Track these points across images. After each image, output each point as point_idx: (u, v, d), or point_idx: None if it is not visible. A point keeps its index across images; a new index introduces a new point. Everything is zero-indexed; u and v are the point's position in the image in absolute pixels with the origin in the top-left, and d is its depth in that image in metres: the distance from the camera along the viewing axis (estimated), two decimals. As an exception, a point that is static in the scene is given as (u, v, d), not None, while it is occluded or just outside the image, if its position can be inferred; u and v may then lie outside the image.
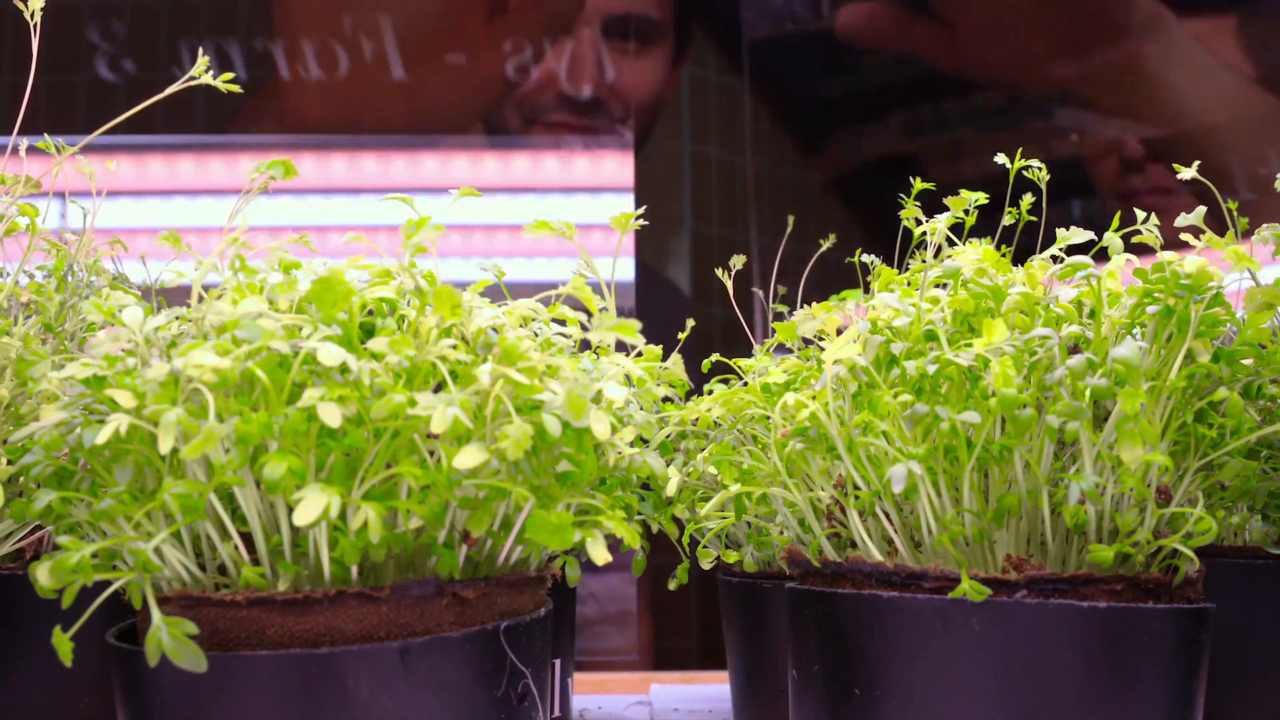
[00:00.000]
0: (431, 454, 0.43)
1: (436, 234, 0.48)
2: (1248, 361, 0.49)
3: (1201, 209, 0.52)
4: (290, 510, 0.43)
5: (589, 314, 0.53)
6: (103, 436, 0.41)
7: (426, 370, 0.45)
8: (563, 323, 0.52)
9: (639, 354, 0.53)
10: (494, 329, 0.47)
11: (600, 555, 0.45)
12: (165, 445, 0.41)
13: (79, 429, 0.43)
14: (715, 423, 0.59)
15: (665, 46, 2.22)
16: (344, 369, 0.42)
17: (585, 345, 0.53)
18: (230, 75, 0.50)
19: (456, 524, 0.44)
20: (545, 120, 2.10)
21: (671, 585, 0.69)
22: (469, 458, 0.41)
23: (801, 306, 0.60)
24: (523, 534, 0.45)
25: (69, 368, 0.44)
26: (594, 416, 0.43)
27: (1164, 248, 0.51)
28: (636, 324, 0.50)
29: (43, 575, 0.42)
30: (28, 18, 0.53)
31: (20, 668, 0.53)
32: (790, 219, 0.72)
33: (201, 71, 0.49)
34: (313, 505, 0.40)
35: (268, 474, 0.41)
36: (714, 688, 0.87)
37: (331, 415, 0.41)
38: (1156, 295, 0.49)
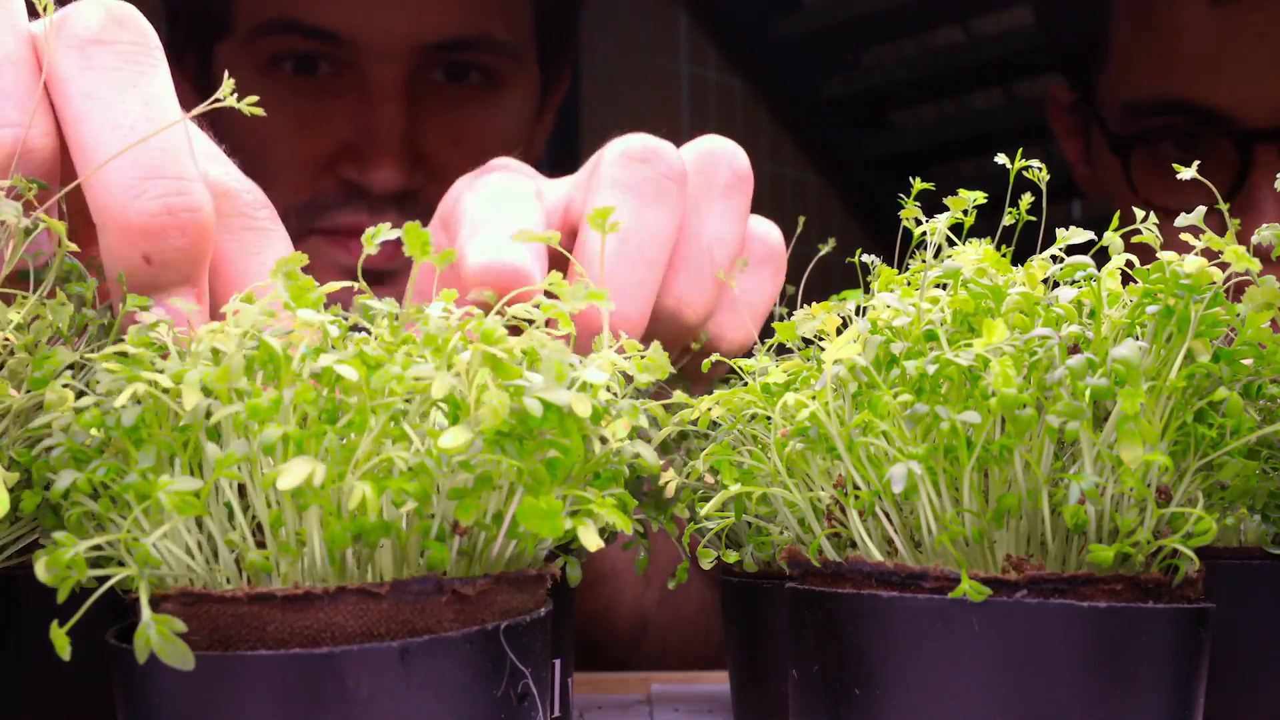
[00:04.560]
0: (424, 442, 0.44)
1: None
2: (1248, 361, 0.49)
3: (1201, 209, 0.52)
4: (296, 504, 0.43)
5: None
6: (121, 400, 0.43)
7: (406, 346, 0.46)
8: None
9: (619, 348, 0.53)
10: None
11: (592, 542, 0.44)
12: (189, 401, 0.42)
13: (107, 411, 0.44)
14: (715, 423, 0.59)
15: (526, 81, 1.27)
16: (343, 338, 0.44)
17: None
18: (255, 98, 0.51)
19: (447, 516, 0.44)
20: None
21: (671, 585, 0.69)
22: (453, 438, 0.42)
23: (801, 306, 0.60)
24: (515, 525, 0.45)
25: (106, 351, 0.46)
26: (575, 397, 0.44)
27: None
28: (606, 290, 0.50)
29: (39, 570, 0.42)
30: (41, 12, 0.53)
31: (20, 667, 0.53)
32: (800, 220, 0.72)
33: (227, 93, 0.50)
34: (296, 471, 0.41)
35: (264, 437, 0.41)
36: (714, 688, 0.87)
37: (350, 373, 0.42)
38: (1156, 295, 0.49)
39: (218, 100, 0.50)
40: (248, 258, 0.58)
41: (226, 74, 0.51)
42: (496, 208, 0.66)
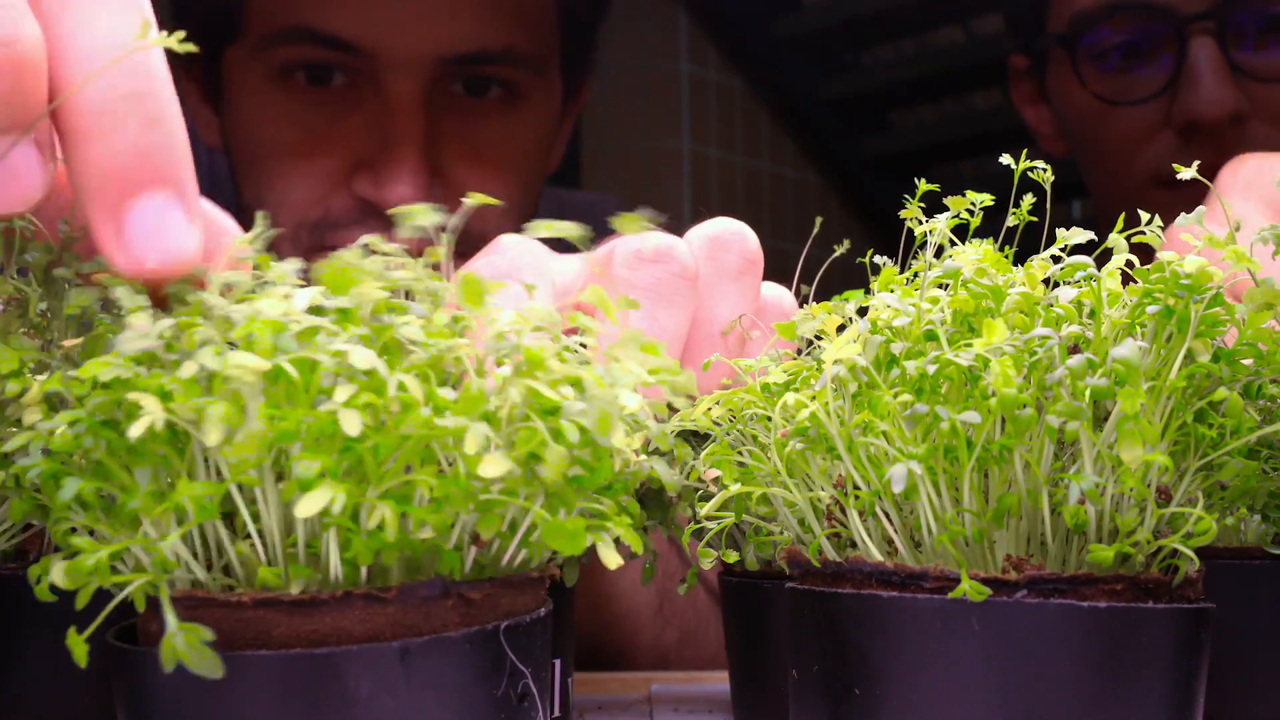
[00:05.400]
0: (450, 462, 0.43)
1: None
2: (1248, 361, 0.49)
3: (1201, 209, 0.52)
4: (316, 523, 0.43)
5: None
6: (137, 430, 0.41)
7: (442, 371, 0.45)
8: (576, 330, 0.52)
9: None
10: (514, 334, 0.47)
11: (612, 559, 0.45)
12: (213, 438, 0.41)
13: (83, 433, 0.43)
14: (715, 423, 0.59)
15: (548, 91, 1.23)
16: (371, 373, 0.42)
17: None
18: (182, 34, 0.47)
19: (466, 527, 0.44)
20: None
21: (681, 590, 0.69)
22: (494, 467, 0.41)
23: (802, 306, 0.60)
24: (527, 537, 0.45)
25: (87, 366, 0.43)
26: (614, 425, 0.43)
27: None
28: (660, 344, 0.50)
29: (58, 576, 0.42)
30: None
31: (20, 668, 0.53)
32: (819, 220, 0.71)
33: (143, 34, 0.46)
34: (316, 498, 0.40)
35: (300, 472, 0.40)
36: (714, 688, 0.87)
37: (351, 424, 0.41)
38: (1156, 295, 0.49)
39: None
40: (76, 31, 0.46)
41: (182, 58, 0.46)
42: None
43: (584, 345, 0.50)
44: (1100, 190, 1.41)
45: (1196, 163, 0.53)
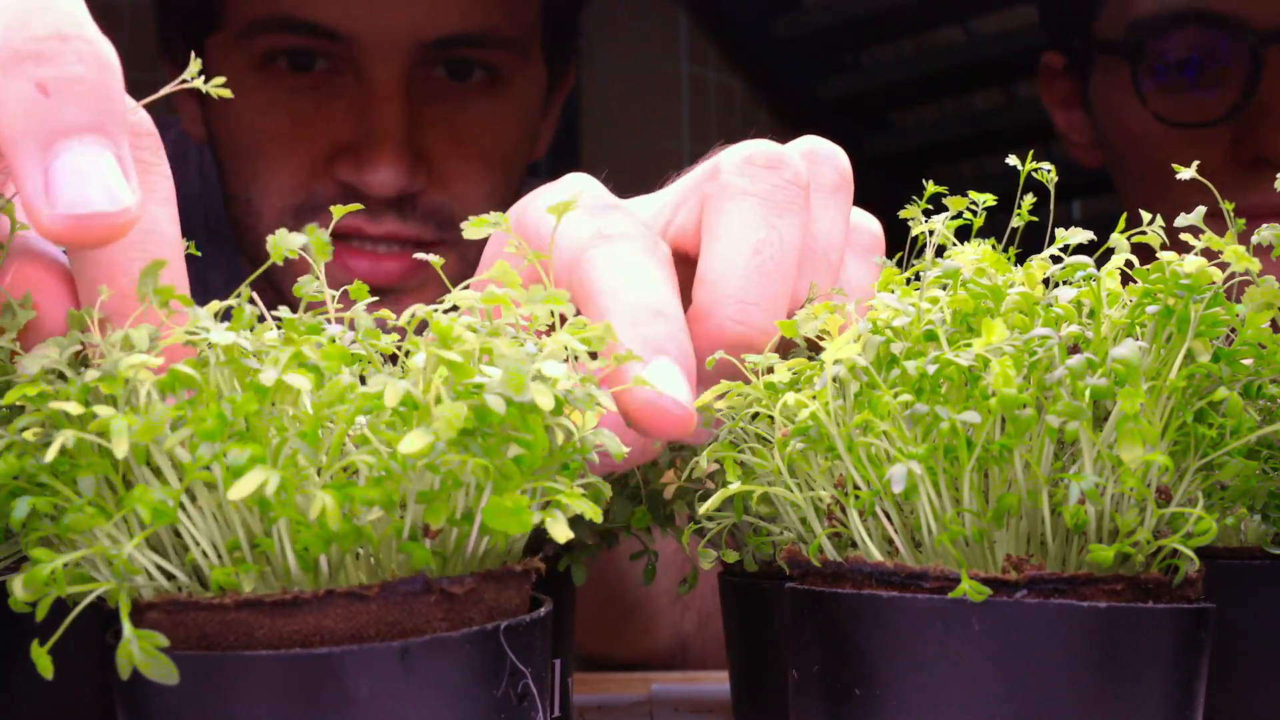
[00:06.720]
0: (387, 446, 0.43)
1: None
2: (1248, 361, 0.49)
3: (1201, 208, 0.52)
4: (259, 511, 0.42)
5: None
6: (51, 454, 0.41)
7: (358, 358, 0.46)
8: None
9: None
10: (425, 319, 0.47)
11: (561, 533, 0.44)
12: (120, 449, 0.41)
13: (24, 455, 0.43)
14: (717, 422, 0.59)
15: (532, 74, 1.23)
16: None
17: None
18: (222, 79, 0.48)
19: (418, 519, 0.44)
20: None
21: (682, 591, 0.69)
22: (413, 442, 0.41)
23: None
24: (484, 524, 0.44)
25: (10, 393, 0.43)
26: (535, 389, 0.43)
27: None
28: (566, 293, 0.50)
29: (17, 588, 0.42)
30: None
31: (21, 667, 0.53)
32: None
33: (194, 74, 0.48)
34: (249, 481, 0.40)
35: (230, 460, 0.40)
36: (714, 687, 0.87)
37: (301, 382, 0.41)
38: (1156, 295, 0.49)
39: (185, 81, 0.47)
40: None
41: (194, 57, 0.47)
42: (643, 312, 0.57)
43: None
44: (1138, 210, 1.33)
45: (1196, 163, 0.53)
